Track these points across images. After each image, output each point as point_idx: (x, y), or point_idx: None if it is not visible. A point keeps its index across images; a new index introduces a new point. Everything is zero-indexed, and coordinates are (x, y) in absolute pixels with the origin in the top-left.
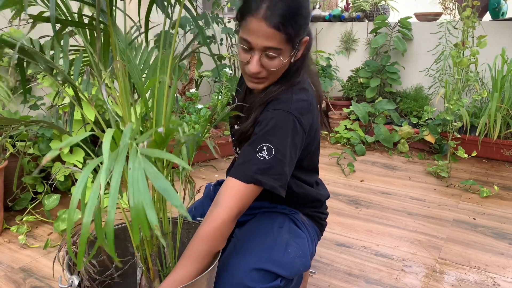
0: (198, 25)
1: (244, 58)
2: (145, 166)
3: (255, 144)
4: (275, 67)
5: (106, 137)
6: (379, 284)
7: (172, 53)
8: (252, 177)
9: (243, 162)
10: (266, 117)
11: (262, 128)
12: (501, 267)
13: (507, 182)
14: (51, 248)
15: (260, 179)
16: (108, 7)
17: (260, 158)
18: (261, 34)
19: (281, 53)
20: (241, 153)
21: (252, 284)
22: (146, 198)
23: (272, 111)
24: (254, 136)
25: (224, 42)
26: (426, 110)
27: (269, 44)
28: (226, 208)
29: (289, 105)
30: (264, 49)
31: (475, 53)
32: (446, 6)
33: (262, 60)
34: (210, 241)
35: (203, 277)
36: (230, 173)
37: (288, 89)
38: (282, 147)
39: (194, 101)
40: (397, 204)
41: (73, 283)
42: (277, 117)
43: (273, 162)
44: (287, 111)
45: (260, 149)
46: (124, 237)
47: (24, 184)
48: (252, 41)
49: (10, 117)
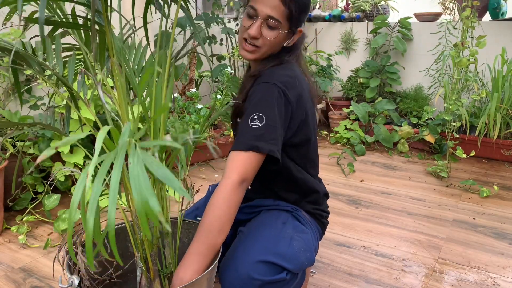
0: (194, 25)
1: (246, 23)
2: (144, 158)
3: (247, 116)
4: (271, 37)
5: (101, 133)
6: (379, 284)
7: (170, 53)
8: (249, 144)
9: (240, 134)
10: (254, 91)
11: (251, 101)
12: (501, 267)
13: (507, 182)
14: (51, 248)
15: (257, 144)
16: (103, 7)
17: (253, 126)
18: (268, 3)
19: (280, 27)
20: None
21: (258, 276)
22: (148, 189)
23: (258, 85)
24: (244, 111)
25: (224, 42)
26: (426, 110)
27: (272, 13)
28: (231, 176)
29: (272, 77)
30: (267, 18)
31: (475, 53)
32: (446, 6)
33: (263, 28)
34: (221, 209)
35: (203, 277)
36: (232, 147)
37: (274, 66)
38: (272, 114)
39: (194, 101)
40: (397, 204)
41: (73, 283)
42: (262, 89)
43: (266, 128)
44: (271, 83)
45: (251, 119)
46: (124, 237)
47: (24, 184)
48: (258, 8)
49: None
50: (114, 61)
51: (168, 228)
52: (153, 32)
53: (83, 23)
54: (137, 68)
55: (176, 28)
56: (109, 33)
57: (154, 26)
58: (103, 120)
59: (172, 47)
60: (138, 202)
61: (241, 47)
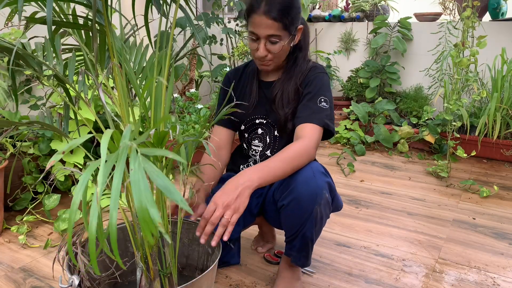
0: (193, 25)
1: (253, 47)
2: (145, 166)
3: (315, 98)
4: (277, 50)
5: (104, 138)
6: (379, 284)
7: (170, 53)
8: (323, 121)
9: (313, 111)
10: (314, 79)
11: (314, 87)
12: (501, 267)
13: (507, 182)
14: (51, 248)
15: (328, 123)
16: (104, 7)
17: (323, 107)
18: (263, 25)
19: (281, 38)
20: (303, 108)
21: (326, 192)
22: (148, 197)
23: (316, 74)
24: (309, 94)
25: (224, 42)
26: (426, 110)
27: (270, 32)
28: (310, 138)
29: (322, 69)
30: (268, 37)
31: (475, 53)
32: (446, 6)
33: (267, 45)
34: (296, 158)
35: (203, 277)
36: (302, 119)
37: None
38: (331, 98)
39: (194, 101)
40: (397, 204)
41: (73, 283)
42: (321, 78)
43: (330, 110)
44: (324, 72)
45: (319, 101)
46: (124, 237)
47: (24, 184)
48: (257, 32)
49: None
50: (115, 61)
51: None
52: (153, 32)
53: (83, 23)
54: (138, 68)
55: (176, 28)
56: (110, 33)
57: (154, 26)
58: (103, 120)
59: (171, 47)
60: (139, 208)
61: (259, 65)
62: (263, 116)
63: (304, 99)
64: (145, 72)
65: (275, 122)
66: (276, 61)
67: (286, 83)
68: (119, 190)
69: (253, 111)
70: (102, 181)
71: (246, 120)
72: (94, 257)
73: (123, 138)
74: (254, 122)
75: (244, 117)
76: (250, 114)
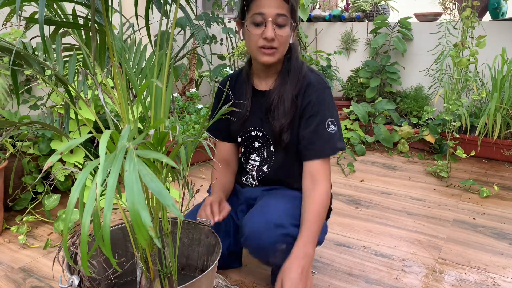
0: (193, 25)
1: (257, 31)
2: (140, 168)
3: (323, 122)
4: (285, 33)
5: (102, 139)
6: (379, 284)
7: (170, 53)
8: (336, 149)
9: (324, 141)
10: (317, 98)
11: (319, 107)
12: (501, 267)
13: (507, 182)
14: (51, 248)
15: (338, 146)
16: (103, 7)
17: (332, 132)
18: (273, 4)
19: (288, 23)
20: (312, 136)
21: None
22: (140, 200)
23: (318, 92)
24: (314, 117)
25: (224, 42)
26: (426, 110)
27: (280, 11)
28: (326, 180)
29: (324, 84)
30: (276, 16)
31: (475, 53)
32: (446, 6)
33: (275, 29)
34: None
35: (203, 277)
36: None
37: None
38: (336, 114)
39: (194, 101)
40: (397, 204)
41: (73, 283)
42: (324, 95)
43: (338, 129)
44: (326, 87)
45: (327, 125)
46: (124, 236)
47: (24, 184)
48: (266, 11)
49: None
50: (114, 61)
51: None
52: (153, 32)
53: (83, 23)
54: (137, 68)
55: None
56: (110, 33)
57: (154, 26)
58: (103, 120)
59: (171, 47)
60: (131, 211)
61: (260, 55)
62: (258, 128)
63: (310, 122)
64: (145, 72)
65: (270, 134)
66: (281, 51)
67: (281, 91)
68: (114, 191)
69: (248, 122)
70: (100, 181)
71: (241, 132)
72: (85, 258)
73: (121, 139)
74: (250, 135)
75: (240, 128)
76: (245, 125)
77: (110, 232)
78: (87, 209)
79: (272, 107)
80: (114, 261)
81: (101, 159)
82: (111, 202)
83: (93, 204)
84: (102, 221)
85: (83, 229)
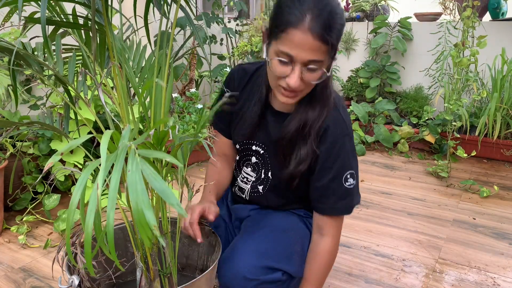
0: (193, 25)
1: (282, 72)
2: (143, 168)
3: (339, 177)
4: (315, 79)
5: (103, 139)
6: (379, 284)
7: (170, 53)
8: (351, 208)
9: (338, 197)
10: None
11: (334, 159)
12: (501, 267)
13: (507, 182)
14: (51, 248)
15: (355, 203)
16: (103, 7)
17: (349, 187)
18: (306, 47)
19: (322, 65)
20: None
21: (253, 277)
22: (144, 200)
23: (336, 139)
24: (329, 170)
25: (224, 42)
26: (426, 110)
27: (314, 57)
28: (336, 236)
29: (346, 128)
30: (307, 63)
31: (475, 53)
32: (446, 6)
33: (303, 74)
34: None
35: (202, 277)
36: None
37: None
38: (356, 165)
39: (194, 101)
40: (397, 204)
41: (73, 283)
42: (344, 144)
43: (357, 182)
44: (347, 134)
45: (345, 179)
46: (124, 236)
47: (24, 184)
48: (295, 55)
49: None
50: (114, 62)
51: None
52: (153, 32)
53: (83, 23)
54: (137, 68)
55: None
56: (110, 33)
57: (153, 26)
58: (103, 120)
59: (171, 47)
60: (135, 211)
61: (278, 94)
62: (261, 145)
63: (323, 175)
64: (145, 72)
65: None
66: (305, 92)
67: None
68: (116, 191)
69: (252, 134)
70: (101, 182)
71: (242, 142)
72: (89, 258)
73: (122, 139)
74: (250, 148)
75: (241, 136)
76: (247, 136)
77: (113, 232)
78: (90, 209)
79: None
80: (118, 261)
81: (102, 159)
82: (114, 202)
83: (96, 204)
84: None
85: (87, 229)
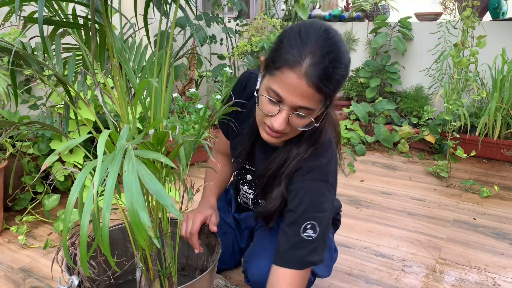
0: (192, 25)
1: (269, 111)
2: (138, 169)
3: (298, 224)
4: (301, 125)
5: (101, 139)
6: (379, 284)
7: (170, 52)
8: (306, 262)
9: (291, 247)
10: (301, 189)
11: (299, 204)
12: (502, 267)
13: (507, 182)
14: (51, 248)
15: (313, 260)
16: (103, 7)
17: (307, 238)
18: (298, 92)
19: (312, 113)
20: (283, 236)
21: None
22: (139, 200)
23: (306, 182)
24: (292, 213)
25: (224, 42)
26: (426, 110)
27: (305, 104)
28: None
29: (322, 174)
30: (297, 109)
31: (475, 53)
32: (446, 6)
33: (290, 118)
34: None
35: (203, 277)
36: (278, 261)
37: (316, 153)
38: (324, 218)
39: (194, 101)
40: (397, 204)
41: (72, 283)
42: (313, 189)
43: (320, 238)
44: (322, 180)
45: (304, 228)
46: (124, 237)
47: (24, 184)
48: (286, 97)
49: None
50: (114, 62)
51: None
52: (153, 32)
53: (83, 23)
54: (137, 68)
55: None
56: (110, 33)
57: (153, 26)
58: (103, 120)
59: (171, 47)
60: (130, 211)
61: (262, 131)
62: (251, 167)
63: (287, 216)
64: (145, 72)
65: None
66: (290, 136)
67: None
68: (112, 191)
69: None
70: (97, 181)
71: (237, 159)
72: (84, 258)
73: (120, 139)
74: (244, 166)
75: (234, 154)
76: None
77: (109, 233)
78: (86, 210)
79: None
80: (113, 261)
81: (99, 158)
82: (110, 202)
83: (92, 204)
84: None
85: (82, 229)
